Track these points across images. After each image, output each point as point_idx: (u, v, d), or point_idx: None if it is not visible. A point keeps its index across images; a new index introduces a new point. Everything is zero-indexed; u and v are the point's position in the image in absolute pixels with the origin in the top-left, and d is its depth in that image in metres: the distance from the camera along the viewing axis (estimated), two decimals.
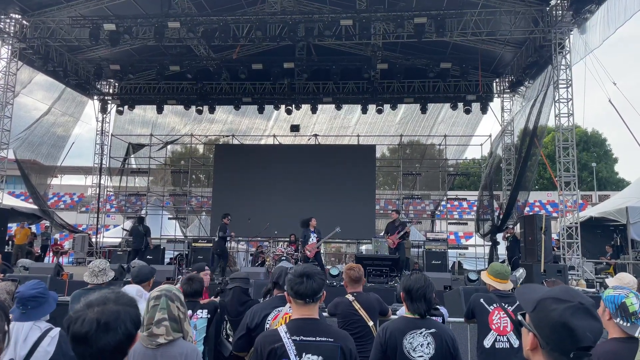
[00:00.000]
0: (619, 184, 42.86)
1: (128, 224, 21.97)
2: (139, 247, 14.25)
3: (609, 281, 4.01)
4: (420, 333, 2.97)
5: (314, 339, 2.47)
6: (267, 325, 3.22)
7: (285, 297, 3.38)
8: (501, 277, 4.15)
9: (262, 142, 21.57)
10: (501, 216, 16.69)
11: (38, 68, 15.88)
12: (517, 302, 4.00)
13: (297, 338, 2.46)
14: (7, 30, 14.60)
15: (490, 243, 17.19)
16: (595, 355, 2.52)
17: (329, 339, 2.49)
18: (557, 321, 1.45)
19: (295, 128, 19.74)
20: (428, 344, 2.94)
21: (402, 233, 12.08)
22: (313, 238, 11.91)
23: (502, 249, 16.68)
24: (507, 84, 17.91)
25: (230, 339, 4.16)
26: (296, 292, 2.55)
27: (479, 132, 19.88)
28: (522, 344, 3.68)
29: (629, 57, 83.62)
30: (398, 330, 2.98)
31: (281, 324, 3.18)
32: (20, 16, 14.66)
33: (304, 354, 2.44)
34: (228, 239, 13.65)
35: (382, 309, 4.43)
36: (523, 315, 1.57)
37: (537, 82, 15.28)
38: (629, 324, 2.51)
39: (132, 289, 4.30)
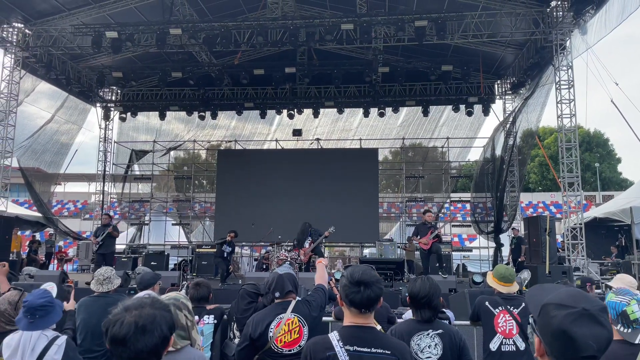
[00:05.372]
0: (623, 184, 42.75)
1: (132, 231, 21.99)
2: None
3: (611, 283, 4.02)
4: (427, 334, 2.98)
5: (369, 350, 2.26)
6: (271, 334, 3.19)
7: (282, 303, 3.39)
8: (505, 280, 4.15)
9: (265, 146, 21.60)
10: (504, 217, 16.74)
11: (41, 76, 15.96)
12: (523, 305, 4.00)
13: (351, 348, 2.26)
14: (10, 39, 14.69)
15: (494, 244, 17.17)
16: None
17: (386, 351, 2.28)
18: (557, 329, 1.37)
19: (297, 132, 19.75)
20: (435, 344, 2.97)
21: (435, 233, 11.41)
22: (307, 241, 11.89)
23: (506, 251, 16.65)
24: (508, 86, 17.89)
25: (237, 340, 4.16)
26: (351, 300, 2.32)
27: (482, 134, 19.91)
28: (527, 347, 3.66)
29: (630, 56, 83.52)
30: (405, 332, 3.00)
31: (284, 331, 3.19)
32: (22, 25, 14.75)
33: None
34: (225, 253, 12.86)
35: (389, 317, 4.42)
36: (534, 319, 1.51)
37: (533, 83, 15.34)
38: (629, 330, 2.48)
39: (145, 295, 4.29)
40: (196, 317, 3.55)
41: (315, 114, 19.09)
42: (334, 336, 2.32)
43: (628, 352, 2.42)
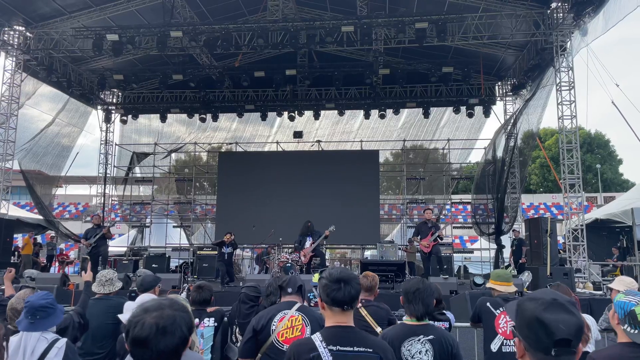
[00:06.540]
0: (624, 185, 42.67)
1: (133, 233, 22.00)
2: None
3: (611, 284, 4.04)
4: (419, 340, 2.96)
5: (351, 349, 2.31)
6: (273, 327, 3.21)
7: (288, 302, 3.41)
8: (502, 279, 4.20)
9: (266, 148, 21.60)
10: (505, 219, 16.74)
11: (42, 79, 15.99)
12: None
13: (334, 348, 2.30)
14: (11, 42, 14.73)
15: (495, 245, 17.16)
16: (600, 358, 2.51)
17: (368, 349, 2.33)
18: (530, 317, 1.51)
19: (298, 134, 19.76)
20: (426, 350, 2.93)
21: (436, 235, 11.28)
22: (308, 242, 11.87)
23: (507, 253, 16.63)
24: (509, 87, 17.90)
25: (239, 344, 4.18)
26: (333, 299, 2.38)
27: (483, 135, 19.89)
28: None
29: (630, 57, 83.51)
30: (396, 338, 2.98)
31: (287, 326, 3.22)
32: (23, 28, 14.79)
33: None
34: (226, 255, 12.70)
35: (390, 320, 4.42)
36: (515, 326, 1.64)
37: (534, 84, 15.35)
38: (636, 331, 2.47)
39: (148, 297, 4.28)
40: (196, 320, 3.55)
41: (316, 116, 19.10)
42: (317, 337, 2.37)
43: (634, 355, 2.42)
